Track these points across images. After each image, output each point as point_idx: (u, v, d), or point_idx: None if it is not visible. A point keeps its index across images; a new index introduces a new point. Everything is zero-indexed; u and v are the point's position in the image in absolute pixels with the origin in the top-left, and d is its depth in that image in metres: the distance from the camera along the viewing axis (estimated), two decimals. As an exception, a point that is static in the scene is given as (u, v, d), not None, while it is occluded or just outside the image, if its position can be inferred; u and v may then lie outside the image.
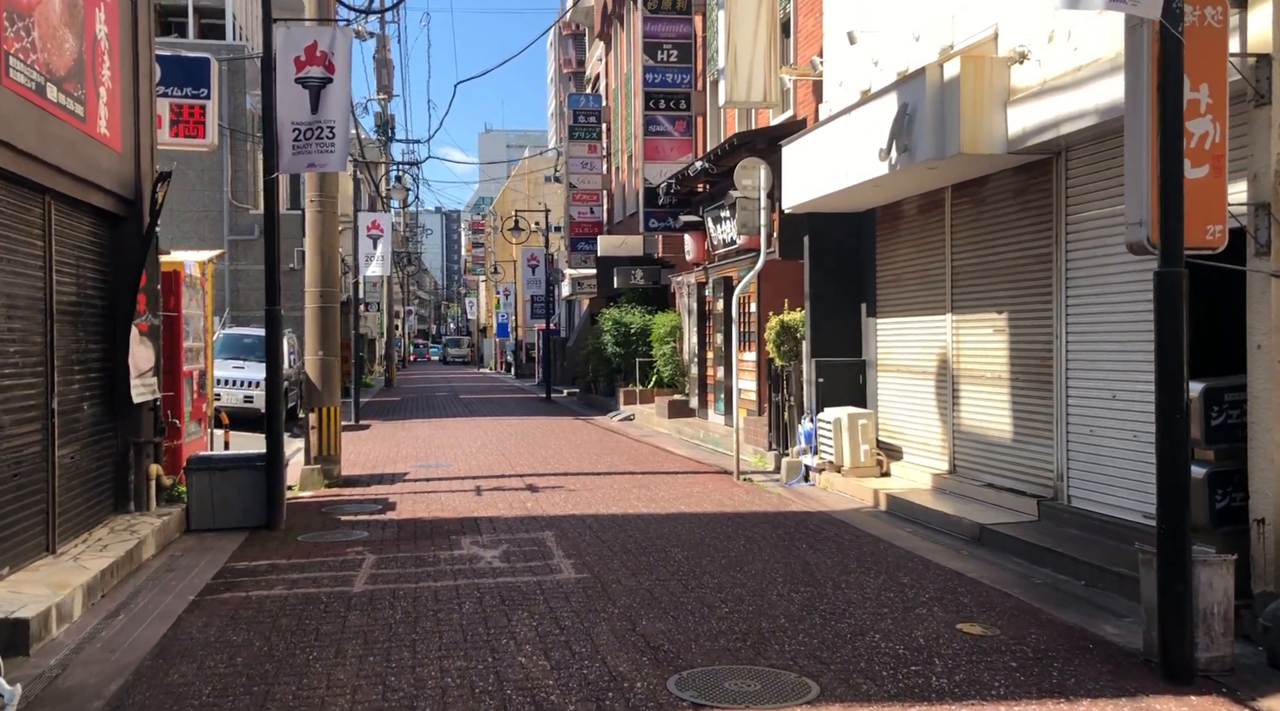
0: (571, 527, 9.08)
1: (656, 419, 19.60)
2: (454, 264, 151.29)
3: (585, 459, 14.40)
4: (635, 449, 15.80)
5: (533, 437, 17.66)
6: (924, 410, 10.64)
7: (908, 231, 10.96)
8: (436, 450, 15.73)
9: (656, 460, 14.30)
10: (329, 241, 12.15)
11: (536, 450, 15.57)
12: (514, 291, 51.10)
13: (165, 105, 10.68)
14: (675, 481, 12.03)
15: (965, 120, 8.21)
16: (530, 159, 70.70)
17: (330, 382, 12.14)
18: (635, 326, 22.81)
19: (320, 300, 12.13)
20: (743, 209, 12.30)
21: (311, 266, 12.17)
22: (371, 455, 15.14)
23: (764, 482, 11.90)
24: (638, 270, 23.22)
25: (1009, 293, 9.12)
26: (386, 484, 12.09)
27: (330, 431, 12.04)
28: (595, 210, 28.95)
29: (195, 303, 10.54)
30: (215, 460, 9.29)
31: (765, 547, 8.18)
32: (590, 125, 28.80)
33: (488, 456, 14.79)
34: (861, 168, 9.73)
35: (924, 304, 10.63)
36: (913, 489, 10.23)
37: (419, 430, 19.35)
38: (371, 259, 22.18)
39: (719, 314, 16.98)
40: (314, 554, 8.12)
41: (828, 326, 12.00)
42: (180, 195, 22.23)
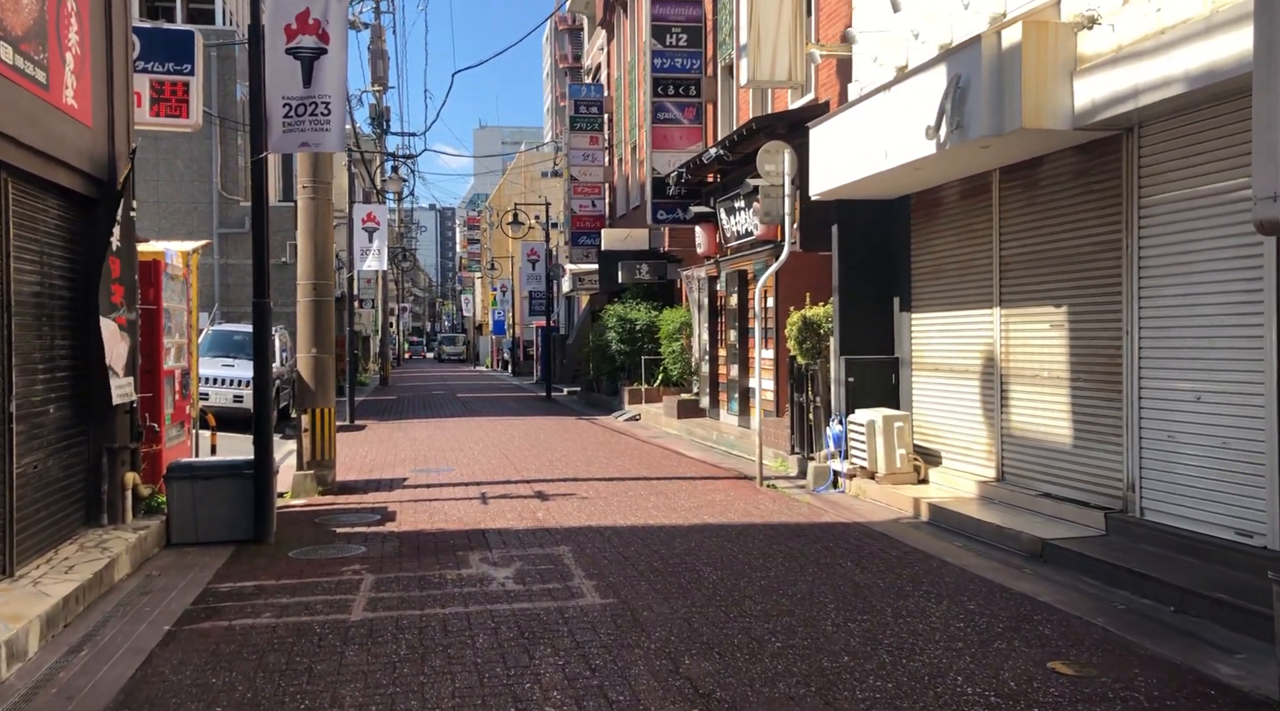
0: (589, 541, 8.28)
1: (665, 419, 18.80)
2: (448, 261, 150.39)
3: (594, 462, 13.60)
4: (646, 451, 15.00)
5: (537, 439, 16.85)
6: (966, 412, 9.85)
7: (948, 219, 10.17)
8: (436, 453, 14.93)
9: (670, 464, 13.50)
10: (322, 231, 11.34)
11: (542, 453, 14.76)
12: (511, 288, 50.28)
13: (145, 82, 9.86)
14: (694, 488, 11.24)
15: (1027, 92, 7.42)
16: (527, 153, 69.87)
17: (324, 382, 11.33)
18: (641, 323, 22.00)
19: (313, 293, 11.31)
20: (765, 196, 11.50)
21: (304, 257, 11.35)
22: (368, 458, 14.33)
23: (789, 489, 11.11)
24: (643, 264, 22.43)
25: (1068, 284, 8.33)
26: (385, 491, 11.28)
27: (324, 434, 11.23)
28: (597, 203, 28.14)
29: (178, 296, 9.72)
30: (198, 468, 8.47)
31: (807, 566, 7.38)
32: (592, 116, 27.99)
33: (491, 460, 13.99)
34: (903, 148, 8.94)
35: (967, 297, 9.84)
36: (957, 498, 9.44)
37: (417, 431, 18.54)
38: (367, 253, 21.36)
39: (732, 309, 16.19)
40: (306, 573, 7.31)
41: (857, 322, 11.22)
42: (168, 186, 21.42)
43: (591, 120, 27.95)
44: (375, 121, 37.36)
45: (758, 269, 15.30)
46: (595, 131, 28.01)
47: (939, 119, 8.19)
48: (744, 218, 15.28)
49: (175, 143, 21.43)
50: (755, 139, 13.80)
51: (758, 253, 15.15)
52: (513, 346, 49.76)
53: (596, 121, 28.00)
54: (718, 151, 14.59)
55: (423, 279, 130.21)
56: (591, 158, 27.96)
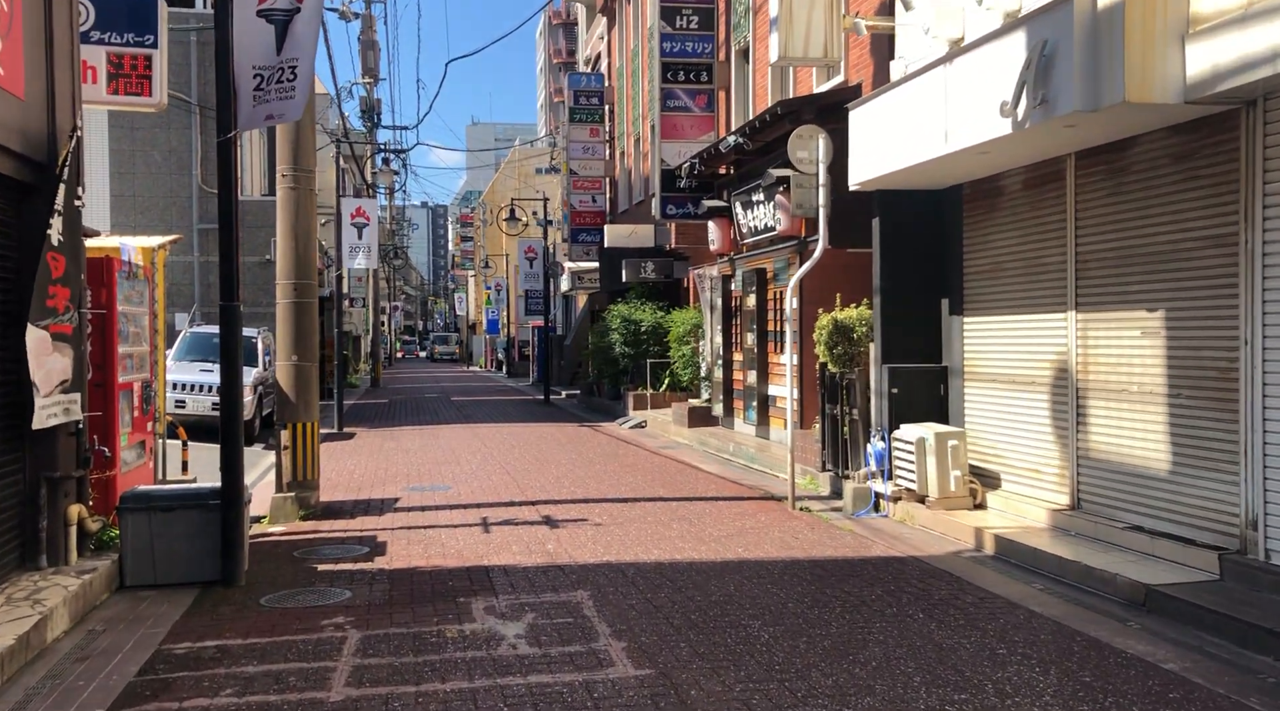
0: (610, 583, 7.13)
1: (674, 427, 17.66)
2: (440, 260, 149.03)
3: (604, 478, 12.45)
4: (658, 465, 13.85)
5: (538, 449, 15.69)
6: (1032, 429, 8.72)
7: (1010, 211, 9.04)
8: (431, 466, 13.76)
9: (687, 480, 12.35)
10: (304, 225, 10.17)
11: (546, 466, 13.60)
12: (506, 286, 49.11)
13: (101, 54, 8.67)
14: (720, 511, 10.10)
15: (1131, 59, 6.29)
16: (521, 149, 68.66)
17: (306, 393, 10.16)
18: (646, 324, 20.86)
19: (294, 294, 10.14)
20: (797, 187, 10.38)
21: (283, 255, 10.18)
22: (357, 473, 13.15)
23: (825, 513, 9.98)
24: (648, 262, 21.29)
25: (1166, 285, 7.20)
26: (374, 514, 10.11)
27: (307, 452, 10.06)
28: (598, 199, 26.98)
29: (138, 298, 8.54)
30: (157, 497, 7.30)
31: (873, 619, 6.25)
32: (592, 107, 26.82)
33: (490, 474, 12.83)
34: (968, 129, 7.80)
35: (1033, 299, 8.71)
36: (1024, 528, 8.31)
37: (410, 440, 17.37)
38: (356, 250, 20.17)
39: (749, 310, 15.06)
40: (279, 628, 6.15)
41: (901, 326, 10.09)
42: (145, 179, 20.21)
43: (592, 111, 26.78)
44: (366, 114, 36.17)
45: (778, 267, 14.17)
46: (595, 123, 26.84)
47: (1017, 94, 7.06)
48: (763, 212, 14.14)
49: (152, 133, 20.21)
50: (778, 125, 12.66)
51: (779, 250, 14.01)
52: (507, 346, 48.58)
53: (597, 113, 26.83)
54: (736, 139, 13.45)
55: (415, 277, 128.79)
56: (592, 151, 26.79)
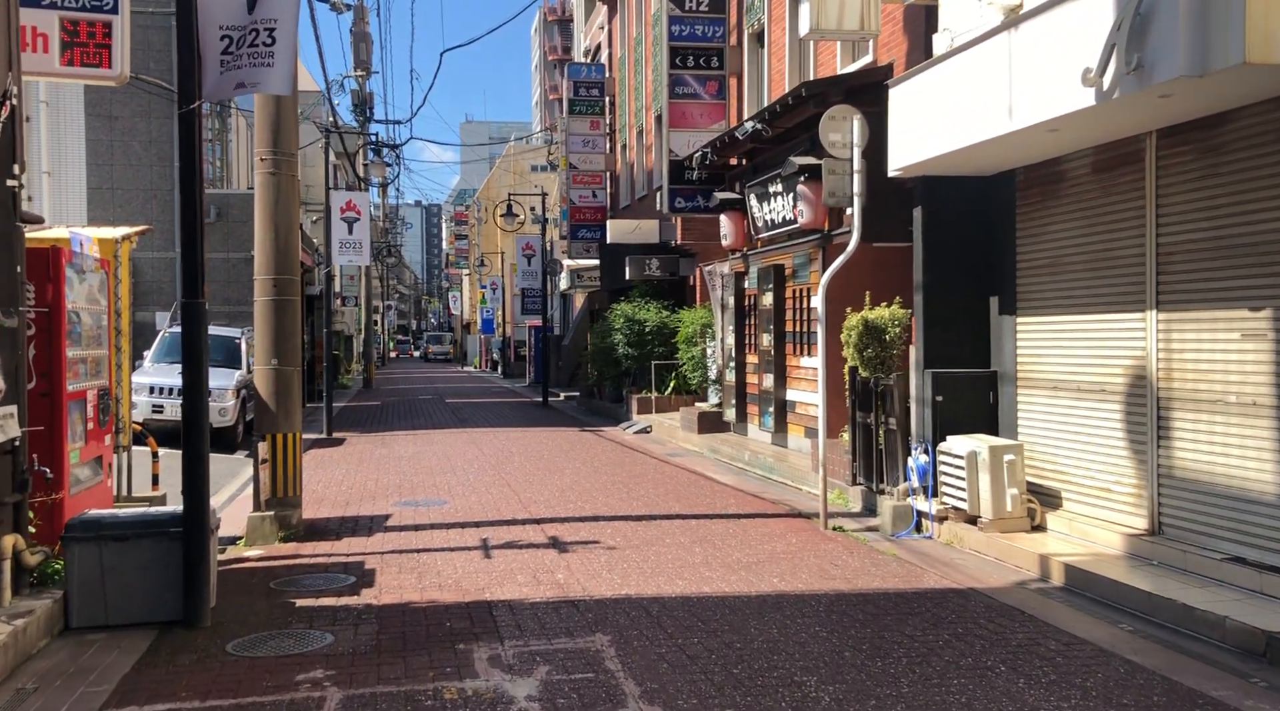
0: (633, 625, 6.17)
1: (682, 433, 16.70)
2: (434, 259, 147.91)
3: (613, 491, 11.48)
4: (669, 476, 12.89)
5: (540, 457, 14.72)
6: (1101, 442, 7.78)
7: (1074, 198, 8.09)
8: (425, 476, 12.78)
9: (703, 494, 11.39)
10: (286, 213, 9.19)
11: (549, 476, 12.63)
12: (502, 285, 48.13)
13: (54, 20, 7.69)
14: (745, 531, 9.14)
15: (1253, 13, 5.34)
16: (516, 146, 67.68)
17: (288, 401, 9.18)
18: (651, 324, 19.89)
19: (274, 291, 9.15)
20: (830, 173, 9.42)
21: (263, 247, 9.19)
22: (345, 485, 12.17)
23: (861, 534, 9.02)
24: (653, 259, 20.34)
25: (1274, 280, 6.26)
26: (362, 534, 9.13)
27: (288, 465, 9.09)
28: (598, 194, 26.02)
29: (92, 294, 7.56)
30: (109, 524, 6.32)
31: (948, 673, 5.29)
32: (593, 99, 25.85)
33: (489, 486, 11.85)
34: (1039, 103, 6.85)
35: (1102, 296, 7.77)
36: (1096, 555, 7.36)
37: (403, 446, 16.38)
38: (347, 246, 19.18)
39: (766, 309, 14.10)
40: (246, 685, 5.18)
41: (945, 327, 9.15)
42: (124, 171, 19.20)
43: (592, 103, 25.82)
44: (358, 109, 35.15)
45: (798, 263, 13.23)
46: (596, 115, 25.88)
47: (1104, 59, 6.11)
48: (782, 204, 13.19)
49: (132, 123, 19.18)
50: (801, 109, 11.72)
51: (799, 245, 13.06)
52: (503, 347, 47.61)
53: (597, 104, 25.86)
54: (754, 126, 12.49)
55: (408, 276, 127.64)
56: (592, 144, 25.83)
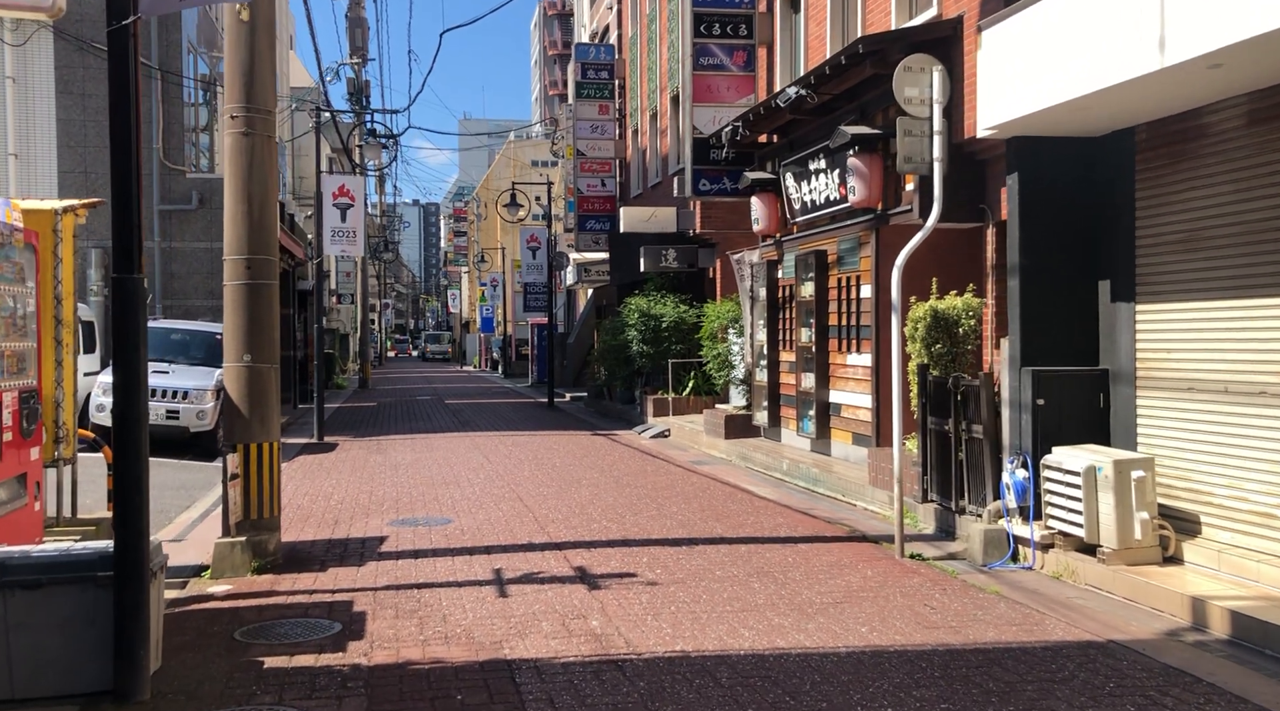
0: (701, 700, 4.72)
1: (706, 438, 15.26)
2: (433, 258, 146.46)
3: (641, 507, 10.03)
4: (700, 488, 11.45)
5: (552, 465, 13.27)
6: (1261, 457, 6.34)
7: (1219, 158, 6.65)
8: (425, 488, 11.33)
9: (744, 510, 9.95)
10: (261, 181, 7.73)
11: (566, 489, 11.19)
12: (502, 281, 46.67)
13: (-30, -62, 6.30)
14: (806, 559, 7.69)
15: None
16: (516, 141, 66.26)
17: (264, 405, 7.73)
18: (668, 320, 18.45)
19: (247, 274, 7.70)
20: (905, 135, 7.98)
21: (233, 222, 7.74)
22: (335, 498, 10.72)
23: (946, 564, 7.59)
24: (669, 250, 18.90)
25: None
26: (351, 563, 7.68)
27: (265, 482, 7.64)
28: (607, 182, 24.57)
29: (14, 274, 6.11)
30: (17, 567, 4.87)
31: (1152, 784, 3.85)
32: (601, 82, 24.41)
33: (499, 501, 10.41)
34: (1211, 28, 5.41)
35: (1261, 278, 6.33)
36: (1265, 598, 5.92)
37: (400, 453, 14.93)
38: (339, 235, 17.72)
39: (805, 301, 12.66)
40: (182, 803, 3.74)
41: (1043, 317, 7.71)
42: (97, 153, 17.70)
43: (601, 87, 24.37)
44: (354, 97, 33.68)
45: (844, 248, 11.78)
46: (605, 99, 24.43)
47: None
48: (825, 182, 11.75)
49: (105, 101, 17.68)
50: (855, 70, 10.29)
51: (846, 227, 11.61)
52: (503, 345, 46.12)
53: (606, 88, 24.42)
54: (797, 91, 11.04)
55: (406, 275, 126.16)
56: (601, 129, 24.38)
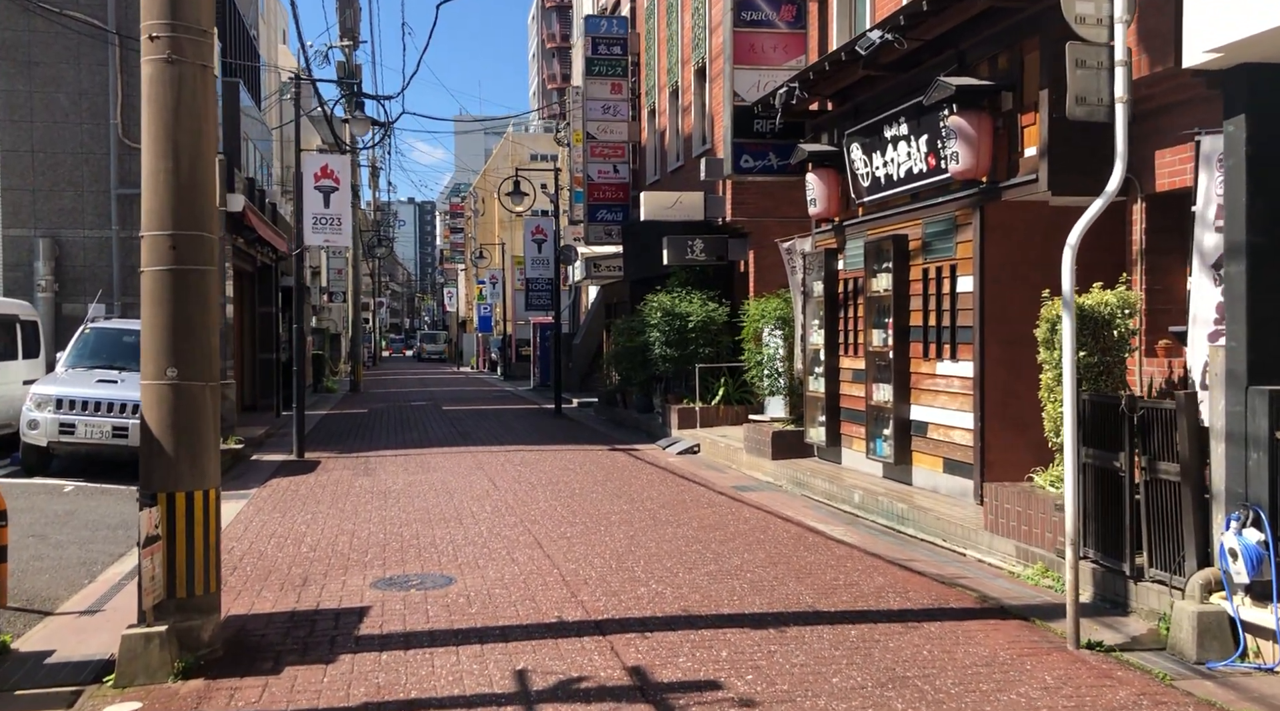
0: None
1: (746, 457, 13.12)
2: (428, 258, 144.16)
3: (695, 558, 7.89)
4: (758, 526, 9.31)
5: (571, 492, 11.14)
6: None
7: None
8: (420, 526, 9.19)
9: (825, 562, 7.81)
10: (192, 127, 5.58)
11: (594, 528, 9.04)
12: (502, 278, 44.50)
13: None
14: (947, 652, 5.56)
15: None
16: (515, 133, 64.10)
17: (197, 439, 5.58)
18: (695, 319, 16.32)
19: (171, 257, 5.54)
20: (1079, 66, 5.84)
21: (153, 183, 5.58)
22: (307, 542, 8.57)
23: (1136, 657, 5.46)
24: (697, 240, 16.77)
25: None
26: (318, 660, 5.52)
27: (197, 547, 5.50)
28: (620, 168, 22.43)
29: None
30: None
31: None
32: (614, 58, 22.26)
33: (514, 547, 8.27)
34: None
35: None
36: None
37: (391, 474, 12.78)
38: (322, 223, 15.56)
39: (877, 296, 10.54)
40: None
41: (1275, 316, 5.58)
42: (46, 129, 15.56)
43: (613, 63, 22.22)
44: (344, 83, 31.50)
45: (933, 232, 9.64)
46: (618, 77, 22.28)
47: None
48: (909, 152, 9.64)
49: (57, 70, 15.53)
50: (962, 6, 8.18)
51: (937, 206, 9.48)
52: (503, 346, 43.95)
53: (619, 64, 22.26)
54: (882, 36, 8.91)
55: (401, 273, 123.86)
56: (614, 110, 22.23)
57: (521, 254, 42.02)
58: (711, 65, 17.00)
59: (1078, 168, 7.72)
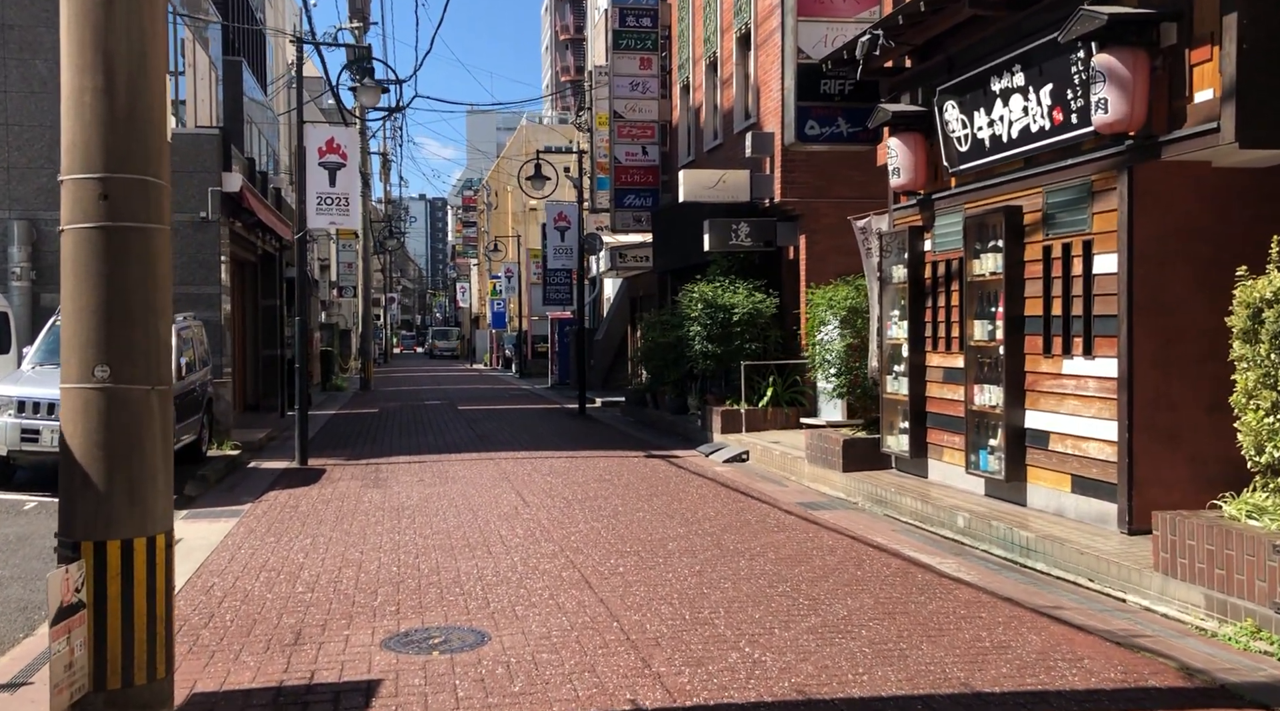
0: None
1: (809, 468, 11.50)
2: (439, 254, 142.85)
3: (790, 606, 6.27)
4: (850, 559, 7.69)
5: (614, 510, 9.53)
6: None
7: None
8: (440, 556, 7.59)
9: (957, 612, 6.18)
10: (134, 33, 4.00)
11: (653, 560, 7.43)
12: (518, 272, 42.91)
13: None
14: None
15: None
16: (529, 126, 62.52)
17: (136, 463, 4.01)
18: (740, 311, 14.70)
19: (101, 209, 3.96)
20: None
21: (74, 109, 4.00)
22: (304, 578, 6.97)
23: None
24: (742, 224, 15.14)
25: None
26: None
27: (138, 617, 3.91)
28: (649, 150, 20.82)
29: None
30: None
31: None
32: (644, 30, 20.63)
33: (557, 588, 6.67)
34: None
35: None
36: None
37: (405, 486, 11.21)
38: (328, 203, 13.98)
39: (981, 280, 8.90)
40: None
41: None
42: (21, 100, 14.01)
43: (643, 36, 20.59)
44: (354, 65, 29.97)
45: (1059, 202, 7.99)
46: (647, 52, 20.65)
47: None
48: (1026, 106, 8.01)
49: (33, 33, 13.98)
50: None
51: (1061, 172, 7.84)
52: (518, 342, 42.35)
53: (649, 37, 20.63)
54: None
55: (412, 269, 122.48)
56: (642, 87, 20.61)
57: (537, 246, 40.44)
58: (758, 30, 15.37)
59: (1259, 110, 6.09)
